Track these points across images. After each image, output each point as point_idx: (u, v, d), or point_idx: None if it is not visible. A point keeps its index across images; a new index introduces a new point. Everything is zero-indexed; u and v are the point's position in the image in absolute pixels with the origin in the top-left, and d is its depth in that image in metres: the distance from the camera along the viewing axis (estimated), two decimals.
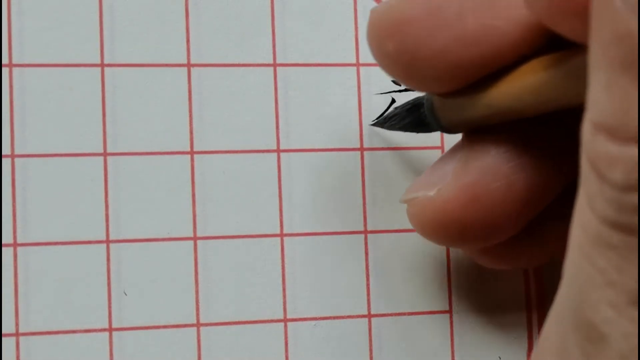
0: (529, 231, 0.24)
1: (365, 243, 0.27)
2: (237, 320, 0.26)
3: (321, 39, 0.27)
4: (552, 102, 0.21)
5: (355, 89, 0.27)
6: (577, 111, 0.20)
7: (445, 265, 0.28)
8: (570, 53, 0.20)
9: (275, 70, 0.27)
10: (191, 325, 0.26)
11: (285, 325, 0.26)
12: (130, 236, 0.26)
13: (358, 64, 0.28)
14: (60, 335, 0.25)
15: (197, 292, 0.26)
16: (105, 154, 0.26)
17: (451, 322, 0.27)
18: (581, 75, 0.18)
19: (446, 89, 0.23)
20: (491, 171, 0.23)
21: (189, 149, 0.26)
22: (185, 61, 0.27)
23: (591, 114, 0.17)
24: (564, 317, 0.18)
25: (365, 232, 0.27)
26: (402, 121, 0.26)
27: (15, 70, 0.26)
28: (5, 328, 0.25)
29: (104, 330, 0.25)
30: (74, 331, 0.25)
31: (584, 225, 0.17)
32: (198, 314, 0.26)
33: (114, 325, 0.25)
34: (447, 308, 0.27)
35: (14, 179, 0.25)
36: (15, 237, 0.25)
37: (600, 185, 0.16)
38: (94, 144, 0.26)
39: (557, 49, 0.20)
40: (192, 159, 0.26)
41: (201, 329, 0.26)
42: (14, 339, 0.25)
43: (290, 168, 0.27)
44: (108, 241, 0.26)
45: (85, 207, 0.26)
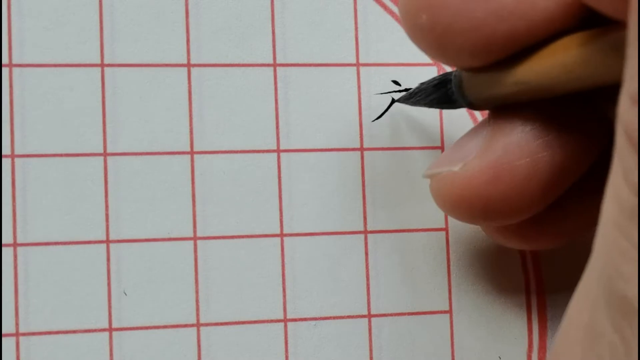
0: (550, 211, 0.24)
1: (365, 243, 0.27)
2: (237, 320, 0.26)
3: (321, 39, 0.27)
4: (583, 80, 0.21)
5: (355, 89, 0.27)
6: (605, 91, 0.20)
7: (445, 265, 0.28)
8: (603, 30, 0.20)
9: (275, 70, 0.27)
10: (191, 325, 0.26)
11: (285, 325, 0.26)
12: (130, 236, 0.26)
13: (358, 64, 0.28)
14: (60, 335, 0.25)
15: (197, 292, 0.26)
16: (105, 154, 0.26)
17: (451, 322, 0.27)
18: (614, 53, 0.18)
19: (477, 64, 0.23)
20: (516, 148, 0.23)
21: (189, 149, 0.26)
22: (185, 61, 0.27)
23: (629, 87, 0.17)
24: (594, 293, 0.18)
25: (365, 232, 0.27)
26: (428, 97, 0.26)
27: (15, 70, 0.26)
28: (5, 328, 0.25)
29: (104, 330, 0.25)
30: (74, 331, 0.25)
31: (618, 198, 0.17)
32: (198, 314, 0.26)
33: (114, 325, 0.25)
34: (447, 308, 0.27)
35: (14, 179, 0.25)
36: (15, 237, 0.25)
37: (637, 157, 0.16)
38: (94, 144, 0.26)
39: (590, 27, 0.20)
40: (192, 159, 0.26)
41: (201, 329, 0.26)
42: (14, 339, 0.25)
43: (290, 168, 0.27)
44: (108, 241, 0.26)
45: (85, 207, 0.26)
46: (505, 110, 0.24)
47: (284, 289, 0.27)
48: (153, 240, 0.26)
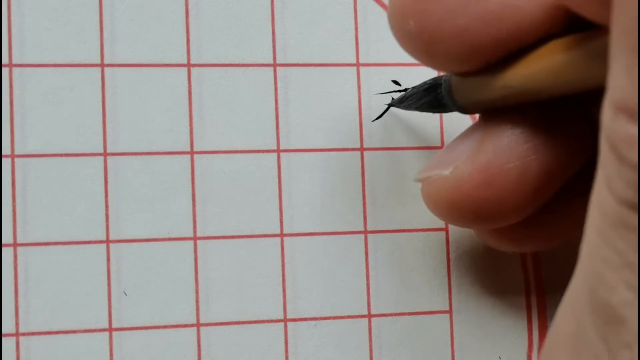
0: (541, 214, 0.24)
1: (365, 243, 0.27)
2: (237, 320, 0.26)
3: (321, 39, 0.27)
4: (570, 84, 0.21)
5: (355, 89, 0.27)
6: (593, 94, 0.20)
7: (445, 265, 0.28)
8: (589, 35, 0.20)
9: (275, 70, 0.27)
10: (191, 325, 0.26)
11: (285, 325, 0.26)
12: (130, 236, 0.26)
13: (358, 64, 0.28)
14: (60, 335, 0.25)
15: (197, 292, 0.26)
16: (105, 154, 0.26)
17: (451, 322, 0.27)
18: (600, 58, 0.18)
19: (465, 69, 0.23)
20: (506, 152, 0.23)
21: (189, 149, 0.26)
22: (185, 61, 0.27)
23: (612, 95, 0.17)
24: (580, 301, 0.18)
25: (365, 232, 0.27)
26: (419, 101, 0.26)
27: (15, 70, 0.26)
28: (5, 328, 0.25)
29: (104, 330, 0.25)
30: (74, 331, 0.25)
31: (602, 206, 0.17)
32: (198, 314, 0.26)
33: (114, 325, 0.25)
34: (447, 308, 0.27)
35: (14, 179, 0.25)
36: (15, 237, 0.25)
37: (619, 166, 0.16)
38: (94, 144, 0.26)
39: (576, 31, 0.20)
40: (192, 159, 0.26)
41: (201, 329, 0.26)
42: (14, 339, 0.25)
43: (290, 168, 0.27)
44: (108, 241, 0.26)
45: (85, 207, 0.26)
46: (496, 114, 0.24)
47: (284, 289, 0.27)
48: (153, 240, 0.26)
